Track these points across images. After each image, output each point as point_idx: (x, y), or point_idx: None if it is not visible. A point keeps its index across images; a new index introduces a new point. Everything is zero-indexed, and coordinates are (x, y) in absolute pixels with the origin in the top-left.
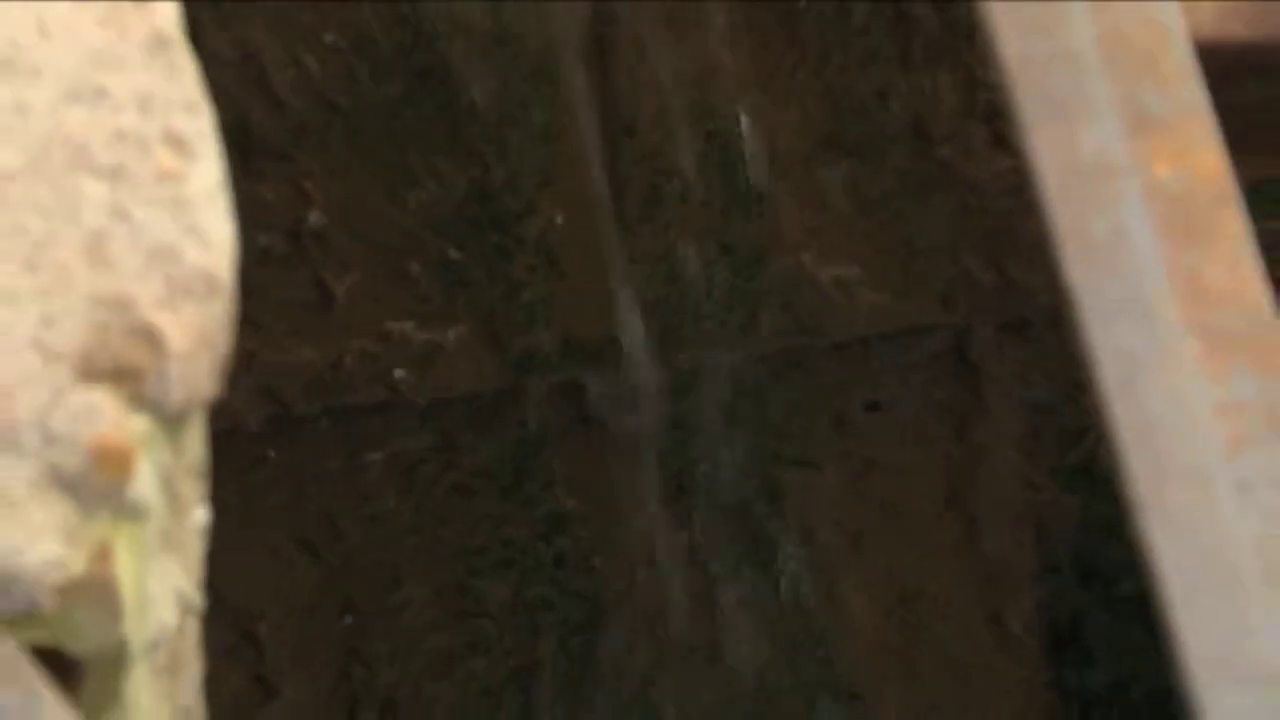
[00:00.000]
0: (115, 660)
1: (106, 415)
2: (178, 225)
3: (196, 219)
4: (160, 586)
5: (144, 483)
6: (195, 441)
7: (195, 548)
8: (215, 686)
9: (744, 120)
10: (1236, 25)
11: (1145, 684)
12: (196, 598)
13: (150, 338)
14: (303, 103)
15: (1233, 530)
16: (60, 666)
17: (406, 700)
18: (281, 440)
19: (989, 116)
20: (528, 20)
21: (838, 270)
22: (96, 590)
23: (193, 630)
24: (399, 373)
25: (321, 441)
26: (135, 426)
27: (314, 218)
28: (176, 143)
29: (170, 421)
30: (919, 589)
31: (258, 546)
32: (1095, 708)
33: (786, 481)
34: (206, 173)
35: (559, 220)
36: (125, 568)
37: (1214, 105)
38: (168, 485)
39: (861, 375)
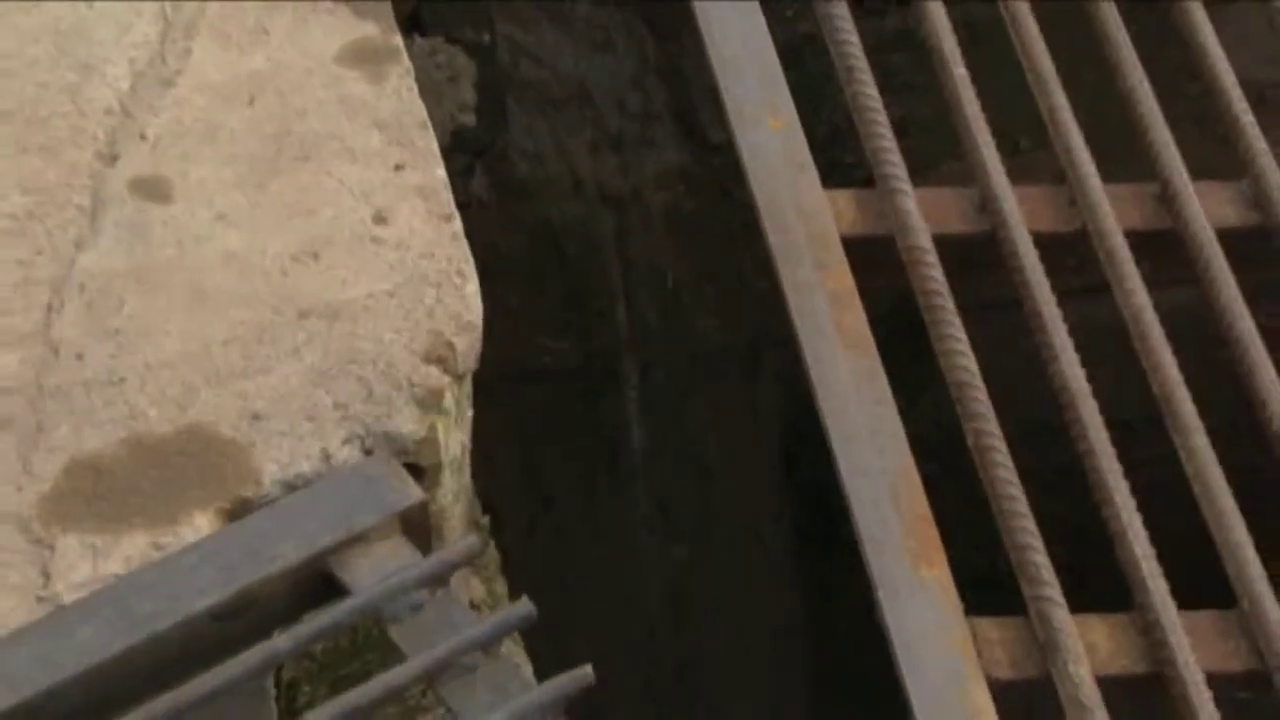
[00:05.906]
0: (438, 467)
1: (434, 376)
2: (462, 305)
3: (469, 302)
4: (455, 439)
5: (448, 401)
6: (468, 385)
7: (467, 425)
8: (475, 476)
9: (671, 272)
10: (859, 227)
11: (824, 480)
12: (468, 443)
13: (450, 346)
14: (510, 260)
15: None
16: (416, 471)
17: (555, 483)
18: (500, 386)
19: (765, 264)
20: (591, 230)
21: (710, 322)
22: (430, 442)
23: (468, 455)
24: (545, 359)
25: (515, 386)
26: (445, 380)
27: (513, 302)
28: (460, 274)
29: (459, 378)
30: (737, 441)
31: (492, 425)
32: (806, 489)
33: (693, 400)
34: (472, 286)
35: (604, 307)
36: (441, 433)
37: (848, 258)
38: (457, 401)
39: (722, 363)
